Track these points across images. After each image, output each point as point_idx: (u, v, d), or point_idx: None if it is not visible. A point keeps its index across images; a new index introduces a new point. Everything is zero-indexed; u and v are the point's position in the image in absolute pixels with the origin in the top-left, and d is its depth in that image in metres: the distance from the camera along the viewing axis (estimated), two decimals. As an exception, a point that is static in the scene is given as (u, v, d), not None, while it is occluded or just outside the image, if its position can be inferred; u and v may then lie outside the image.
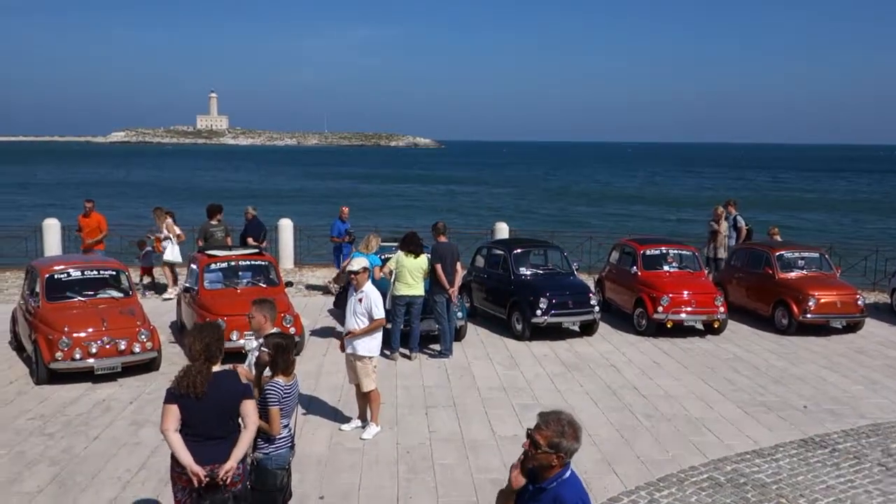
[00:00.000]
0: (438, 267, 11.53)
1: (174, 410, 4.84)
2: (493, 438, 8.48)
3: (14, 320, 11.85)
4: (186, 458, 4.79)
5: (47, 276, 10.80)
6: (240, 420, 4.98)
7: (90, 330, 10.16)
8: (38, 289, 10.74)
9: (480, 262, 14.60)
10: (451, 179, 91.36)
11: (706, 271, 14.80)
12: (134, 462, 7.68)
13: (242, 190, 66.14)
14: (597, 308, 13.06)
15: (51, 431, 8.51)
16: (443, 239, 11.99)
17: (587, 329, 13.14)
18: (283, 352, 5.45)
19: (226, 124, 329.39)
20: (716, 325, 13.29)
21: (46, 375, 9.99)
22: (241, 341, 10.45)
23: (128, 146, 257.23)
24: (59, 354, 9.87)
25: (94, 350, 10.01)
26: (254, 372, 5.90)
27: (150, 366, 10.61)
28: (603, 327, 13.49)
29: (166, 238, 15.63)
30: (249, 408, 4.98)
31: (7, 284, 17.11)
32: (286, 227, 19.63)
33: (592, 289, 13.97)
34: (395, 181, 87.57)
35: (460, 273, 12.08)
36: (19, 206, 47.69)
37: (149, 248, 16.23)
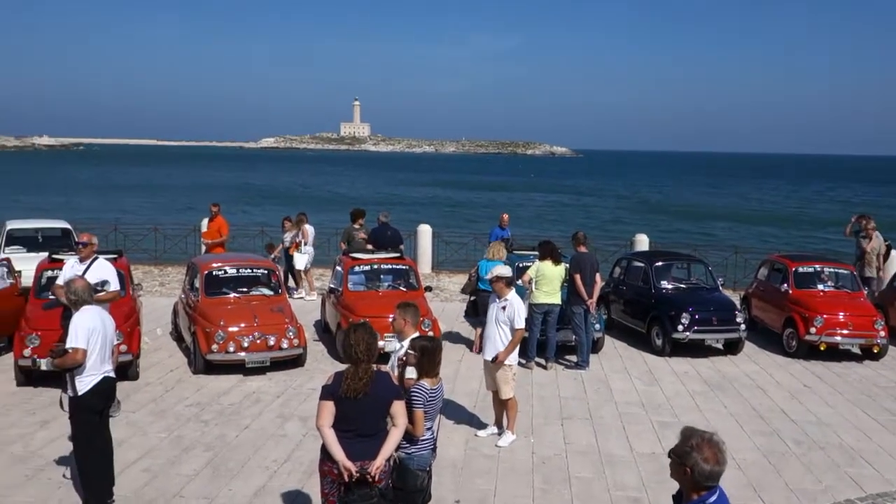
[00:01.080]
0: (577, 277, 11.40)
1: (330, 407, 4.96)
2: (630, 455, 8.28)
3: (175, 313, 12.71)
4: (339, 453, 4.93)
5: (206, 272, 11.52)
6: (388, 419, 5.11)
7: (243, 325, 10.73)
8: (197, 284, 11.47)
9: (619, 273, 14.31)
10: (585, 190, 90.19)
11: (864, 292, 13.84)
12: (280, 453, 8.04)
13: (379, 196, 67.94)
14: (743, 326, 12.50)
15: (206, 419, 9.05)
16: (583, 249, 11.84)
17: (732, 347, 12.60)
18: (428, 355, 5.55)
19: (367, 131, 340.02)
20: (875, 351, 12.41)
21: (203, 366, 10.64)
22: (381, 343, 10.77)
23: (276, 151, 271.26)
24: (214, 347, 10.49)
25: (245, 344, 10.57)
26: (396, 373, 6.05)
27: (297, 362, 11.08)
28: (749, 346, 12.90)
29: (300, 244, 16.11)
30: (399, 408, 5.08)
31: (169, 279, 18.36)
32: (425, 232, 20.01)
33: (738, 305, 13.40)
34: (530, 190, 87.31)
35: (599, 284, 11.87)
36: (179, 207, 51.10)
37: (278, 253, 16.74)
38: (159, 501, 6.88)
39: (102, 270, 9.07)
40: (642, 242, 19.01)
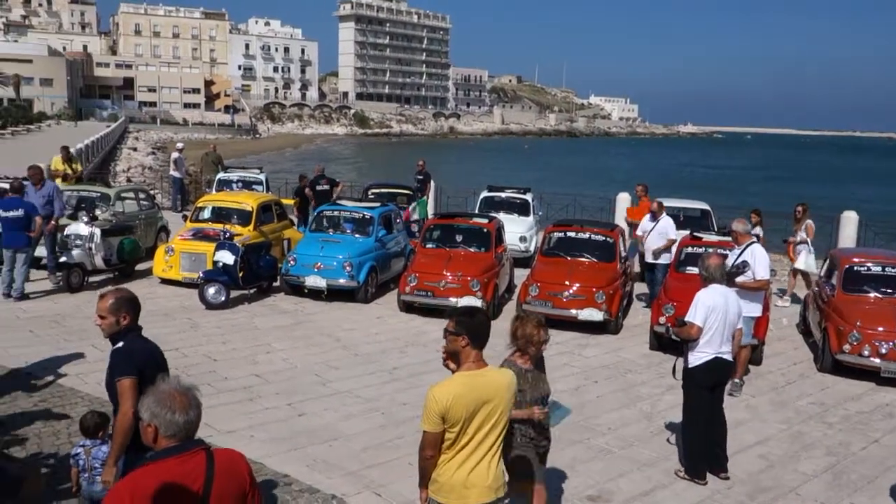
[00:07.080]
0: None
1: None
2: None
3: (805, 305, 12.18)
4: None
5: (846, 266, 10.71)
6: None
7: (881, 329, 9.68)
8: (834, 279, 10.75)
9: None
10: None
11: None
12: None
13: None
14: None
15: (830, 421, 8.47)
16: None
17: None
18: None
19: None
20: None
21: (831, 365, 9.97)
22: None
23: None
24: (846, 347, 9.71)
25: (883, 350, 9.52)
26: None
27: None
28: None
29: (801, 242, 13.54)
30: None
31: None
32: None
33: None
34: None
35: None
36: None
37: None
38: (774, 492, 6.71)
39: (751, 255, 9.02)
40: None
